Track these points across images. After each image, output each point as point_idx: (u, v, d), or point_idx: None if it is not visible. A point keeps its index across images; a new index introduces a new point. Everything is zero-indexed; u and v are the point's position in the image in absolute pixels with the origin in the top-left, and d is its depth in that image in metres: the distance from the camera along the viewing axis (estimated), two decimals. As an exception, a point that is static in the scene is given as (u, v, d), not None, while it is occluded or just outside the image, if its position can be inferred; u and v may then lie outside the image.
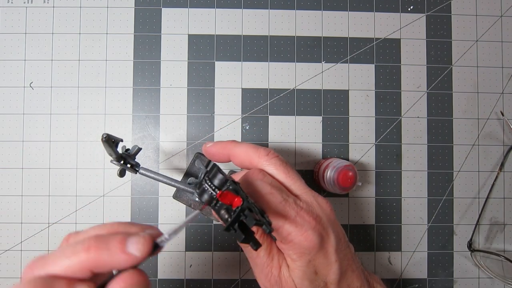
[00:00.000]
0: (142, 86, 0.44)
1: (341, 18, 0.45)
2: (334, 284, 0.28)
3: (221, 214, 0.24)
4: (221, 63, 0.44)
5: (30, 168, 0.43)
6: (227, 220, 0.23)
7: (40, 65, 0.44)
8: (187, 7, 0.44)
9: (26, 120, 0.43)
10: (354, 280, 0.29)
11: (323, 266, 0.27)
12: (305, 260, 0.26)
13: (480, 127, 0.45)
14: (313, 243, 0.26)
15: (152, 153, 0.43)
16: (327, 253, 0.27)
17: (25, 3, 0.44)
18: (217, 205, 0.25)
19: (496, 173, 0.44)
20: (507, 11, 0.45)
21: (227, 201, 0.24)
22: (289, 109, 0.44)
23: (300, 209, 0.27)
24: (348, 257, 0.29)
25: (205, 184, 0.25)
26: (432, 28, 0.45)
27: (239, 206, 0.22)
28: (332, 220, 0.29)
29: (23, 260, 0.43)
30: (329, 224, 0.28)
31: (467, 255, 0.44)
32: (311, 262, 0.27)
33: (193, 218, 0.24)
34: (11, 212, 0.43)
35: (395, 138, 0.44)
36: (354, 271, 0.29)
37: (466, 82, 0.45)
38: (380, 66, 0.45)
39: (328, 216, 0.28)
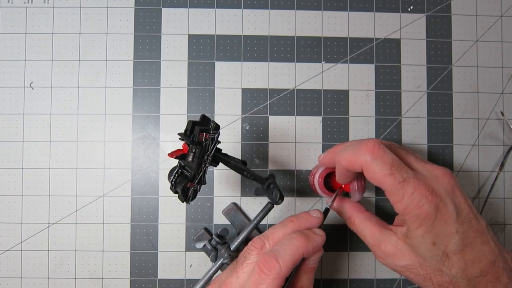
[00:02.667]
0: (142, 86, 0.44)
1: (341, 18, 0.45)
2: (456, 255, 0.28)
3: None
4: (221, 63, 0.44)
5: (30, 168, 0.43)
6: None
7: (40, 65, 0.44)
8: (187, 7, 0.45)
9: (26, 120, 0.43)
10: (486, 252, 0.29)
11: (442, 236, 0.28)
12: (423, 231, 0.28)
13: (480, 127, 0.45)
14: (429, 214, 0.28)
15: (152, 153, 0.44)
16: (446, 223, 0.28)
17: (25, 3, 0.44)
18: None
19: (496, 173, 0.44)
20: (507, 11, 0.45)
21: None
22: (289, 109, 0.44)
23: (419, 184, 0.28)
24: (475, 229, 0.29)
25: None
26: (432, 28, 0.45)
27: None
28: (450, 191, 0.29)
29: (23, 260, 0.43)
30: (447, 195, 0.29)
31: (467, 255, 0.44)
32: (429, 233, 0.28)
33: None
34: (11, 212, 0.43)
35: (395, 138, 0.44)
36: (485, 243, 0.29)
37: (466, 82, 0.45)
38: (380, 66, 0.45)
39: (445, 188, 0.29)
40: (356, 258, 0.44)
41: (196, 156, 0.29)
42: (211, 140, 0.29)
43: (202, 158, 0.29)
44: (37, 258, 0.43)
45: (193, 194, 0.30)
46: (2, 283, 0.42)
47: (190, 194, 0.30)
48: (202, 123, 0.29)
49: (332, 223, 0.44)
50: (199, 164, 0.29)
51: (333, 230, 0.44)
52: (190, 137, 0.29)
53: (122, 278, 0.43)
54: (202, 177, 0.30)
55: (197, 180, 0.29)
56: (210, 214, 0.43)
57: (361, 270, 0.44)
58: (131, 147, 0.43)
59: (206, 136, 0.29)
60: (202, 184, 0.30)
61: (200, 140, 0.28)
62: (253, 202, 0.43)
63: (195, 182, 0.29)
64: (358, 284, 0.43)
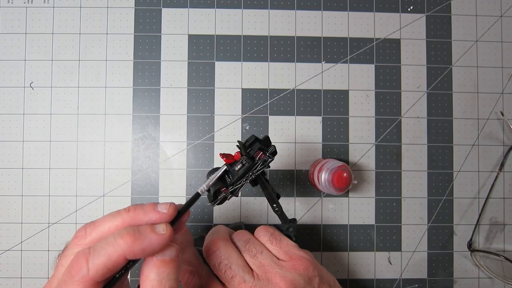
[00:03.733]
0: (142, 86, 0.44)
1: (341, 18, 0.45)
2: None
3: None
4: (221, 63, 0.44)
5: (30, 168, 0.43)
6: None
7: (40, 65, 0.44)
8: (187, 7, 0.45)
9: (26, 120, 0.43)
10: None
11: None
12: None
13: (480, 127, 0.45)
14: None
15: (152, 153, 0.44)
16: None
17: (25, 3, 0.44)
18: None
19: (496, 173, 0.44)
20: (507, 11, 0.45)
21: None
22: (289, 109, 0.44)
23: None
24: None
25: None
26: (432, 28, 0.45)
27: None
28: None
29: (23, 260, 0.43)
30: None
31: (467, 255, 0.44)
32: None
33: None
34: (11, 212, 0.43)
35: (395, 138, 0.44)
36: None
37: (466, 82, 0.45)
38: (380, 66, 0.45)
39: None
40: (356, 258, 0.44)
41: (243, 168, 0.30)
42: (263, 161, 0.30)
43: (247, 173, 0.30)
44: (37, 258, 0.43)
45: (221, 200, 0.31)
46: (2, 283, 0.42)
47: (220, 198, 0.31)
48: (263, 142, 0.31)
49: (332, 223, 0.44)
50: (241, 176, 0.30)
51: (332, 230, 0.44)
52: (248, 149, 0.30)
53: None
54: (237, 189, 0.31)
55: (231, 189, 0.31)
56: (210, 214, 0.43)
57: (361, 270, 0.44)
58: (131, 147, 0.43)
59: (261, 156, 0.30)
60: (235, 196, 0.31)
61: (254, 156, 0.30)
62: (253, 202, 0.43)
63: (229, 190, 0.30)
64: (358, 284, 0.43)
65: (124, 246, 0.23)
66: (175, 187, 0.43)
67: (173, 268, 0.24)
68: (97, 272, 0.22)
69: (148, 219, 0.25)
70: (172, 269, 0.24)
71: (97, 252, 0.23)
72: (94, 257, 0.23)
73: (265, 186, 0.32)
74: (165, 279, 0.24)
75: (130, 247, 0.23)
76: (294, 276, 0.29)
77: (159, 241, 0.24)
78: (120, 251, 0.23)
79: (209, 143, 0.44)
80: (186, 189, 0.43)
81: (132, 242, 0.23)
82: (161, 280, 0.24)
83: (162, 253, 0.24)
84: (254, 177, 0.31)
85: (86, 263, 0.22)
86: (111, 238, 0.23)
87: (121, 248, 0.23)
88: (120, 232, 0.23)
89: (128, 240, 0.23)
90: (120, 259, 0.23)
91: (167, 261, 0.24)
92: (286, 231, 0.33)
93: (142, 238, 0.23)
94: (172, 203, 0.26)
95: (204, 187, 0.28)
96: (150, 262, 0.24)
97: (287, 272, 0.29)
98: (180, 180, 0.43)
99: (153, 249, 0.24)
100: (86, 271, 0.22)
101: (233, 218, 0.43)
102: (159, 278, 0.24)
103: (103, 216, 0.26)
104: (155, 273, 0.24)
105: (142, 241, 0.23)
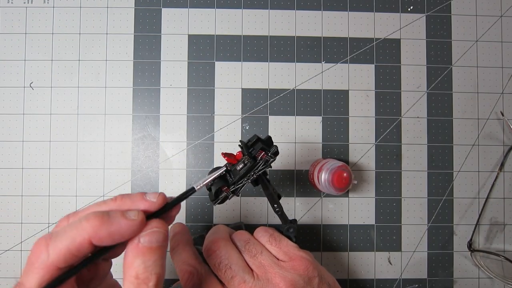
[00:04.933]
0: (142, 86, 0.44)
1: (341, 18, 0.45)
2: None
3: None
4: (221, 63, 0.44)
5: (30, 168, 0.43)
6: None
7: (40, 65, 0.44)
8: (187, 7, 0.45)
9: (26, 120, 0.43)
10: None
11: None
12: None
13: (480, 127, 0.45)
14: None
15: (152, 153, 0.44)
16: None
17: (25, 3, 0.44)
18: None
19: (496, 173, 0.44)
20: (507, 11, 0.45)
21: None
22: (289, 109, 0.44)
23: None
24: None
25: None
26: (432, 28, 0.45)
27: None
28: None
29: (23, 260, 0.43)
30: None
31: (467, 255, 0.44)
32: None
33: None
34: (11, 212, 0.43)
35: (395, 138, 0.44)
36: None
37: (466, 82, 0.45)
38: (380, 66, 0.45)
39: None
40: (356, 258, 0.44)
41: (245, 167, 0.30)
42: (265, 161, 0.30)
43: (249, 172, 0.30)
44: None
45: (223, 199, 0.31)
46: (2, 283, 0.42)
47: (221, 197, 0.31)
48: (265, 142, 0.31)
49: (332, 223, 0.44)
50: (243, 176, 0.30)
51: (332, 230, 0.44)
52: (250, 149, 0.31)
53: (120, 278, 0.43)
54: (238, 189, 0.31)
55: (233, 189, 0.31)
56: (210, 214, 0.43)
57: (361, 270, 0.44)
58: (131, 147, 0.43)
59: (263, 156, 0.30)
60: (236, 195, 0.31)
61: (256, 156, 0.30)
62: (253, 202, 0.43)
63: (231, 189, 0.31)
64: (358, 284, 0.43)
65: (90, 229, 0.21)
66: (175, 187, 0.43)
67: (160, 255, 0.23)
68: (58, 257, 0.21)
69: (135, 207, 0.24)
70: (159, 256, 0.23)
71: (60, 236, 0.21)
72: (55, 241, 0.21)
73: (266, 186, 0.32)
74: (151, 266, 0.22)
75: (96, 231, 0.21)
76: (294, 276, 0.29)
77: (128, 227, 0.22)
78: (85, 234, 0.21)
79: (209, 143, 0.44)
80: (186, 189, 0.43)
81: (99, 226, 0.21)
82: (146, 267, 0.22)
83: (149, 239, 0.23)
84: (255, 177, 0.31)
85: (46, 247, 0.21)
86: (76, 221, 0.22)
87: (85, 231, 0.21)
88: (87, 215, 0.22)
89: (94, 223, 0.21)
90: (84, 242, 0.21)
91: (154, 248, 0.23)
92: (286, 232, 0.33)
93: (110, 222, 0.22)
94: (161, 193, 0.25)
95: (201, 183, 0.28)
96: (135, 249, 0.22)
97: (287, 273, 0.29)
98: (180, 180, 0.43)
99: (121, 234, 0.22)
100: (46, 256, 0.21)
101: (233, 218, 0.43)
102: (145, 265, 0.22)
103: (88, 206, 0.24)
104: (141, 260, 0.22)
105: (110, 225, 0.21)
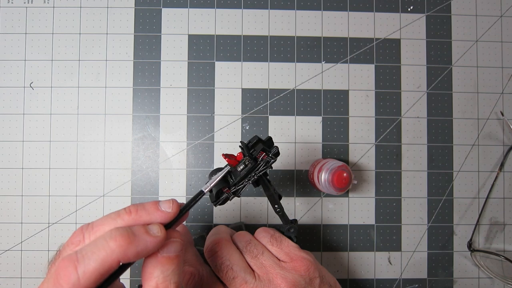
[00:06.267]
0: (142, 86, 0.44)
1: (341, 18, 0.45)
2: None
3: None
4: (221, 63, 0.44)
5: (30, 168, 0.43)
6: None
7: (40, 65, 0.44)
8: (187, 7, 0.45)
9: (26, 120, 0.43)
10: None
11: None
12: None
13: (480, 127, 0.45)
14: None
15: (152, 153, 0.44)
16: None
17: (25, 3, 0.44)
18: None
19: (496, 173, 0.44)
20: (507, 11, 0.45)
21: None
22: (289, 109, 0.44)
23: None
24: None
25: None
26: (432, 28, 0.45)
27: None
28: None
29: (23, 260, 0.43)
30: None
31: (467, 255, 0.44)
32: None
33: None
34: (11, 212, 0.43)
35: (395, 138, 0.44)
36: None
37: (466, 82, 0.45)
38: (380, 66, 0.45)
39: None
40: (356, 258, 0.44)
41: (245, 168, 0.30)
42: (266, 162, 0.31)
43: (249, 173, 0.30)
44: (37, 258, 0.43)
45: (223, 201, 0.31)
46: (2, 283, 0.42)
47: (222, 198, 0.31)
48: (266, 143, 0.31)
49: (332, 223, 0.44)
50: (244, 177, 0.30)
51: (332, 230, 0.44)
52: (250, 150, 0.30)
53: (122, 278, 0.43)
54: (239, 190, 0.31)
55: (234, 190, 0.31)
56: (210, 214, 0.43)
57: (361, 270, 0.44)
58: (131, 147, 0.43)
59: (264, 157, 0.30)
60: (237, 196, 0.31)
61: (257, 157, 0.30)
62: (253, 203, 0.43)
63: (232, 190, 0.31)
64: (358, 284, 0.43)
65: (118, 249, 0.21)
66: (175, 187, 0.43)
67: (177, 264, 0.23)
68: (89, 280, 0.20)
69: (153, 220, 0.24)
70: (177, 265, 0.23)
71: (87, 258, 0.21)
72: (84, 263, 0.20)
73: (267, 187, 0.32)
74: (170, 275, 0.23)
75: (124, 251, 0.21)
76: (295, 277, 0.29)
77: (154, 244, 0.22)
78: (114, 255, 0.21)
79: (209, 143, 0.44)
80: (186, 189, 0.43)
81: (126, 246, 0.21)
82: (165, 277, 0.23)
83: (167, 250, 0.23)
84: (256, 178, 0.31)
85: (75, 270, 0.20)
86: (102, 241, 0.21)
87: (114, 252, 0.21)
88: (112, 234, 0.21)
89: (122, 243, 0.21)
90: (114, 263, 0.21)
91: (172, 258, 0.23)
92: (287, 232, 0.33)
93: (137, 241, 0.22)
94: (174, 201, 0.25)
95: (209, 185, 0.28)
96: (154, 259, 0.23)
97: (288, 273, 0.29)
98: (180, 180, 0.43)
99: (147, 252, 0.22)
100: (77, 279, 0.20)
101: (234, 218, 0.43)
102: (164, 275, 0.23)
103: (102, 218, 0.24)
104: (160, 270, 0.23)
105: (137, 244, 0.22)
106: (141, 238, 0.22)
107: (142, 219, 0.24)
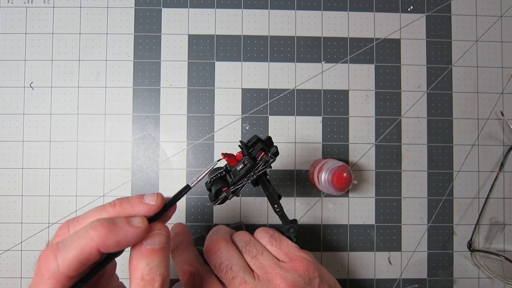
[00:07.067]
0: (142, 86, 0.44)
1: (341, 18, 0.45)
2: None
3: None
4: (221, 63, 0.44)
5: (30, 168, 0.43)
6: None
7: (40, 65, 0.44)
8: (187, 7, 0.45)
9: (26, 120, 0.43)
10: None
11: None
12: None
13: (480, 127, 0.45)
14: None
15: (152, 153, 0.44)
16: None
17: (25, 3, 0.44)
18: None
19: (496, 173, 0.44)
20: (507, 11, 0.45)
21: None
22: (289, 109, 0.44)
23: None
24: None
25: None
26: (432, 28, 0.45)
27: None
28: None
29: (23, 260, 0.43)
30: None
31: (467, 255, 0.44)
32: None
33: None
34: (11, 212, 0.43)
35: (395, 138, 0.44)
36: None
37: (466, 82, 0.45)
38: (380, 66, 0.45)
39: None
40: (356, 258, 0.44)
41: (245, 168, 0.30)
42: (265, 162, 0.31)
43: (248, 173, 0.30)
44: (37, 258, 0.43)
45: (222, 200, 0.31)
46: (2, 283, 0.42)
47: (221, 198, 0.31)
48: (265, 143, 0.31)
49: (332, 223, 0.44)
50: (243, 176, 0.30)
51: (332, 230, 0.44)
52: (250, 149, 0.31)
53: (123, 278, 0.43)
54: (238, 189, 0.31)
55: (233, 189, 0.31)
56: (210, 214, 0.43)
57: (361, 270, 0.44)
58: (131, 147, 0.43)
59: (263, 156, 0.30)
60: (236, 196, 0.31)
61: (256, 157, 0.30)
62: (253, 202, 0.43)
63: (231, 190, 0.31)
64: (358, 284, 0.43)
65: (97, 238, 0.22)
66: (175, 187, 0.43)
67: (163, 257, 0.24)
68: (68, 267, 0.21)
69: (136, 212, 0.24)
70: (162, 258, 0.24)
71: (67, 246, 0.21)
72: (63, 251, 0.21)
73: (266, 186, 0.32)
74: (155, 267, 0.23)
75: (103, 240, 0.22)
76: (294, 277, 0.29)
77: (134, 234, 0.23)
78: (93, 243, 0.21)
79: (209, 143, 0.44)
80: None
81: (106, 234, 0.22)
82: (151, 269, 0.23)
83: (151, 241, 0.23)
84: (255, 177, 0.31)
85: (55, 258, 0.21)
86: (83, 230, 0.22)
87: (93, 240, 0.21)
88: (93, 223, 0.22)
89: (101, 232, 0.22)
90: (93, 251, 0.22)
91: (156, 250, 0.23)
92: (286, 232, 0.33)
93: (117, 230, 0.22)
94: (159, 194, 0.26)
95: (195, 180, 0.28)
96: (138, 251, 0.23)
97: (287, 273, 0.29)
98: (180, 180, 0.43)
99: (127, 242, 0.23)
100: (56, 266, 0.21)
101: (233, 218, 0.43)
102: (149, 267, 0.23)
103: (87, 212, 0.24)
104: (145, 262, 0.23)
105: (117, 233, 0.22)
106: (121, 227, 0.22)
107: (126, 211, 0.24)
